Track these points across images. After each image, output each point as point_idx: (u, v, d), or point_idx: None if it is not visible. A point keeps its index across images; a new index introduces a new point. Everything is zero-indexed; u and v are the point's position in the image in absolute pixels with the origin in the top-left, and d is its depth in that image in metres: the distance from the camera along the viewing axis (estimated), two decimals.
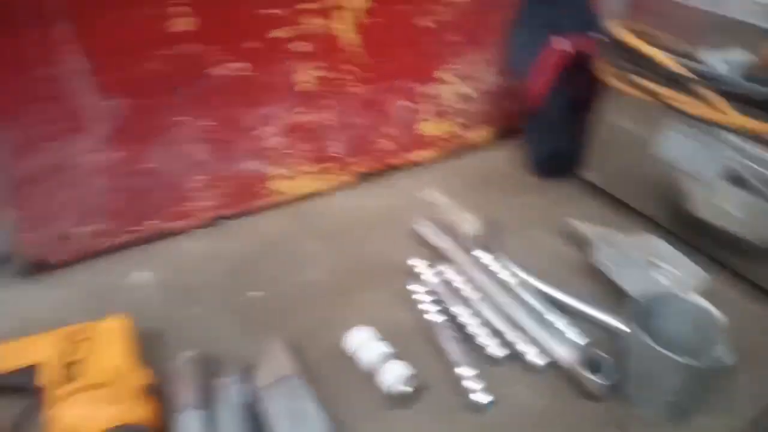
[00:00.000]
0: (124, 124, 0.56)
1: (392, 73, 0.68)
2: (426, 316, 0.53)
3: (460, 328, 0.52)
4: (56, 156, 0.55)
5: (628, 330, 0.47)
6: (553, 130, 0.72)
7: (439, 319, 0.53)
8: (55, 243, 0.59)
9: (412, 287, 0.56)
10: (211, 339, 0.52)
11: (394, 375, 0.47)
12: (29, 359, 0.47)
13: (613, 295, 0.56)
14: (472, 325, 0.52)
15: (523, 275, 0.58)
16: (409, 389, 0.47)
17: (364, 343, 0.50)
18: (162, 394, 0.46)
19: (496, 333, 0.52)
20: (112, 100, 0.55)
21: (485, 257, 0.59)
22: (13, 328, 0.54)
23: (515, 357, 0.50)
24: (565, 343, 0.50)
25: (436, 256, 0.61)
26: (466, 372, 0.48)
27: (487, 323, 0.53)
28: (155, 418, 0.43)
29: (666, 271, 0.56)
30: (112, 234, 0.62)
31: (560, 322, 0.52)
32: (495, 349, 0.50)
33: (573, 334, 0.51)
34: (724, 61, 0.54)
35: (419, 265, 0.59)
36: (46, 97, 0.52)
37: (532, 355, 0.49)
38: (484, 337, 0.51)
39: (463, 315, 0.53)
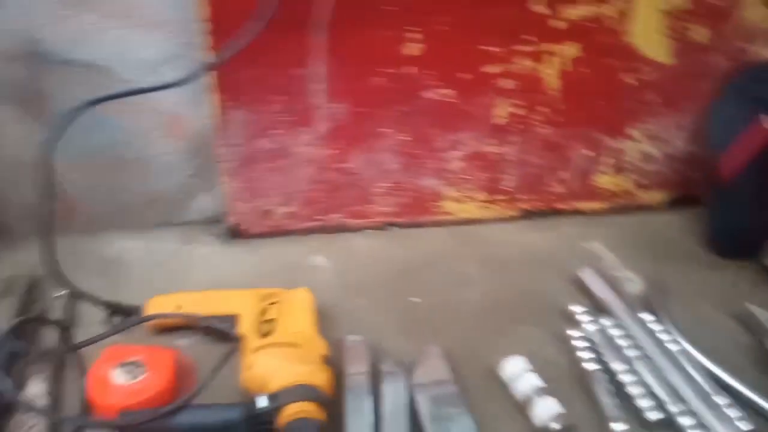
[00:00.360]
0: (340, 127, 0.64)
1: (582, 120, 0.70)
2: (583, 364, 0.54)
3: (616, 384, 0.52)
4: (279, 143, 0.64)
5: None
6: (742, 209, 0.69)
7: (599, 372, 0.53)
8: (257, 216, 0.68)
9: (570, 332, 0.57)
10: (371, 330, 0.57)
11: (547, 410, 0.48)
12: (231, 309, 0.55)
13: None
14: (631, 384, 0.52)
15: (688, 347, 0.56)
16: (558, 426, 0.48)
17: (520, 373, 0.52)
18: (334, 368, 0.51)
19: (654, 397, 0.51)
20: (337, 105, 0.62)
21: (649, 320, 0.59)
22: (213, 280, 0.64)
23: (671, 425, 0.49)
24: (729, 426, 0.48)
25: (596, 307, 0.61)
26: (620, 427, 0.48)
27: (644, 385, 0.52)
28: (331, 387, 0.48)
29: None
30: (303, 218, 0.70)
31: (724, 403, 0.50)
32: (652, 413, 0.49)
33: (738, 418, 0.49)
34: None
35: (579, 311, 0.59)
36: (288, 92, 0.61)
37: (692, 429, 0.48)
38: (641, 399, 0.50)
39: (622, 372, 0.53)
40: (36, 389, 0.48)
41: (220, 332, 0.54)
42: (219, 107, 0.60)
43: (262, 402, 0.44)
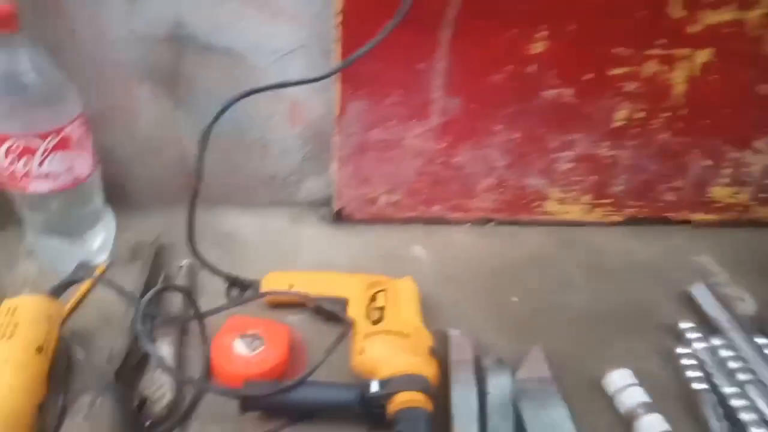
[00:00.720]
0: (451, 121, 0.65)
1: (705, 129, 0.67)
2: (691, 384, 0.52)
3: (726, 408, 0.51)
4: (392, 134, 0.65)
5: None
6: None
7: (708, 393, 0.52)
8: (362, 203, 0.71)
9: (678, 349, 0.56)
10: (469, 325, 0.57)
11: (653, 426, 0.48)
12: (341, 292, 0.58)
13: None
14: (743, 409, 0.50)
15: None
16: None
17: (627, 386, 0.51)
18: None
19: None
20: (453, 99, 0.63)
21: (764, 343, 0.56)
22: (317, 260, 0.67)
23: None
24: None
25: (705, 325, 0.59)
26: None
27: (758, 411, 0.50)
28: (438, 379, 0.49)
29: None
30: (406, 208, 0.71)
31: None
32: None
33: None
34: None
35: (688, 328, 0.58)
36: (406, 85, 0.62)
37: None
38: (755, 427, 0.49)
39: (733, 396, 0.51)
40: (163, 351, 0.52)
41: (329, 313, 0.56)
42: (340, 97, 0.62)
43: (375, 387, 0.46)
